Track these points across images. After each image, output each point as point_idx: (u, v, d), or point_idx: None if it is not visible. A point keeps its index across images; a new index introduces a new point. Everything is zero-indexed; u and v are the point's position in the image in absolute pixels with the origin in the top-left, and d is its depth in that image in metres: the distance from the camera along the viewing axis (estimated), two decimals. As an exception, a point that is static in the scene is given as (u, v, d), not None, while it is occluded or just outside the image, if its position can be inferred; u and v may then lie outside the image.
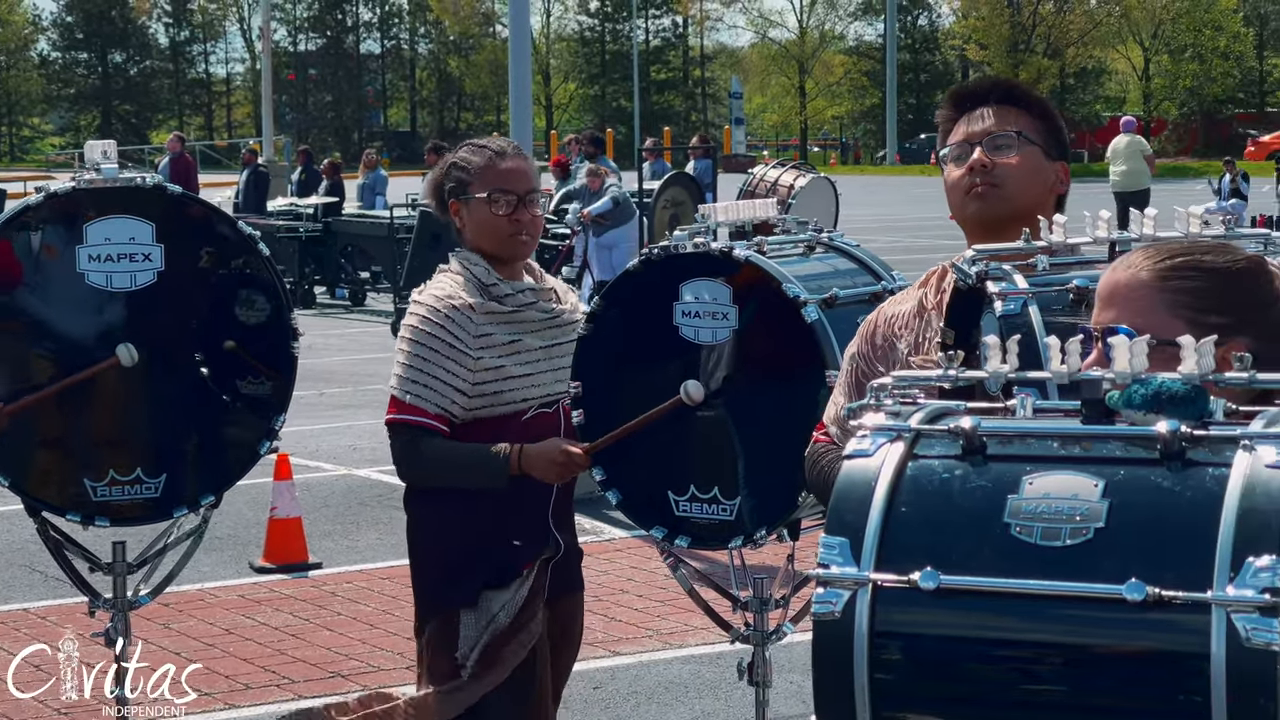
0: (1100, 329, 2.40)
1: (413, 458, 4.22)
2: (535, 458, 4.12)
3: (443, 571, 4.28)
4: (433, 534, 4.31)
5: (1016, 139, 3.32)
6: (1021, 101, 3.39)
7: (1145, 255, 2.58)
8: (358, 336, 19.57)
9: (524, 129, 16.79)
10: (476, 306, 4.21)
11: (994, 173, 3.29)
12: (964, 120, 3.38)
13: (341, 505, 10.39)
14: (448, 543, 4.27)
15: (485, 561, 4.24)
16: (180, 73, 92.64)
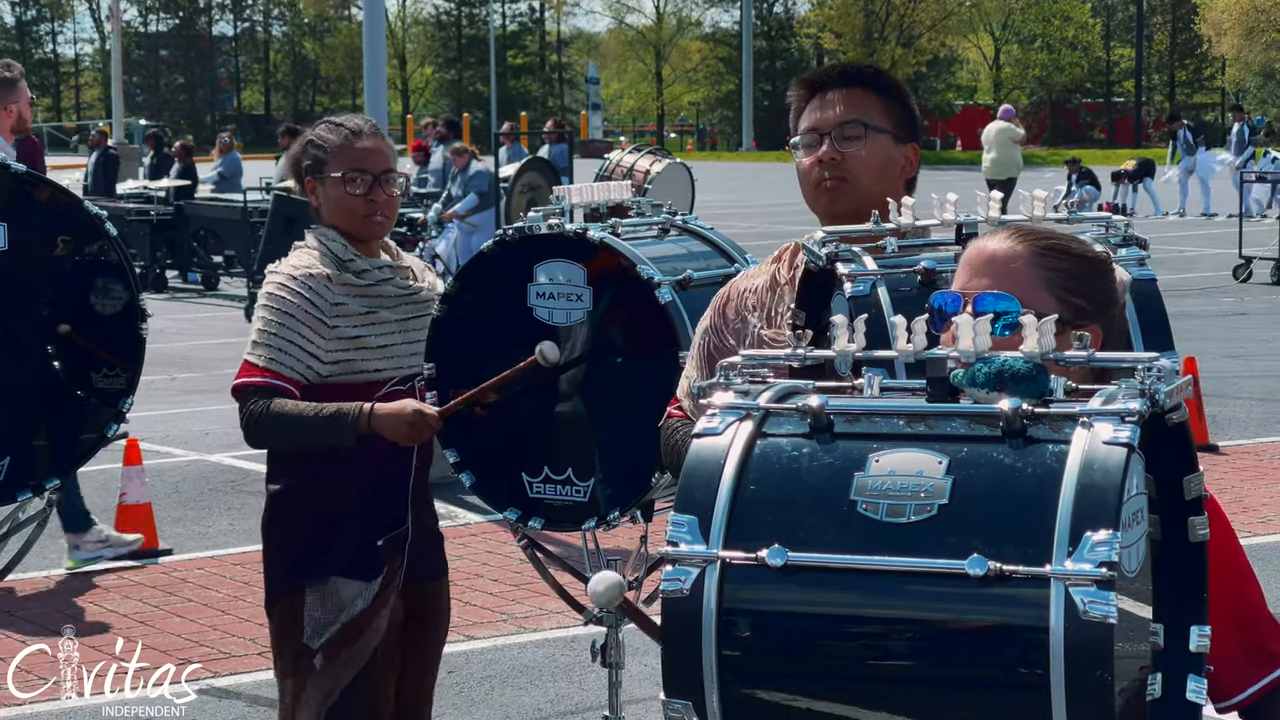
0: (972, 295, 2.42)
1: (261, 418, 4.14)
2: (386, 417, 4.07)
3: (296, 550, 4.25)
4: (288, 512, 4.28)
5: (864, 130, 3.34)
6: (870, 83, 3.41)
7: (1018, 232, 2.62)
8: (210, 321, 19.35)
9: (379, 113, 16.70)
10: (334, 277, 4.19)
11: (843, 166, 3.32)
12: (814, 104, 3.40)
13: (193, 491, 10.28)
14: (303, 521, 4.24)
15: (340, 545, 4.21)
16: (27, 52, 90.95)
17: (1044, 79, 75.66)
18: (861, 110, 3.35)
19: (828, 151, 3.32)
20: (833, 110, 3.35)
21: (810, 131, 3.37)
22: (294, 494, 4.27)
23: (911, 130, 3.44)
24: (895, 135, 3.38)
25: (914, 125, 3.46)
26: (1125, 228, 2.97)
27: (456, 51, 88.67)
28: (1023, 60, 76.90)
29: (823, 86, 3.40)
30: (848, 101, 3.36)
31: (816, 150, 3.34)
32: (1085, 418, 2.04)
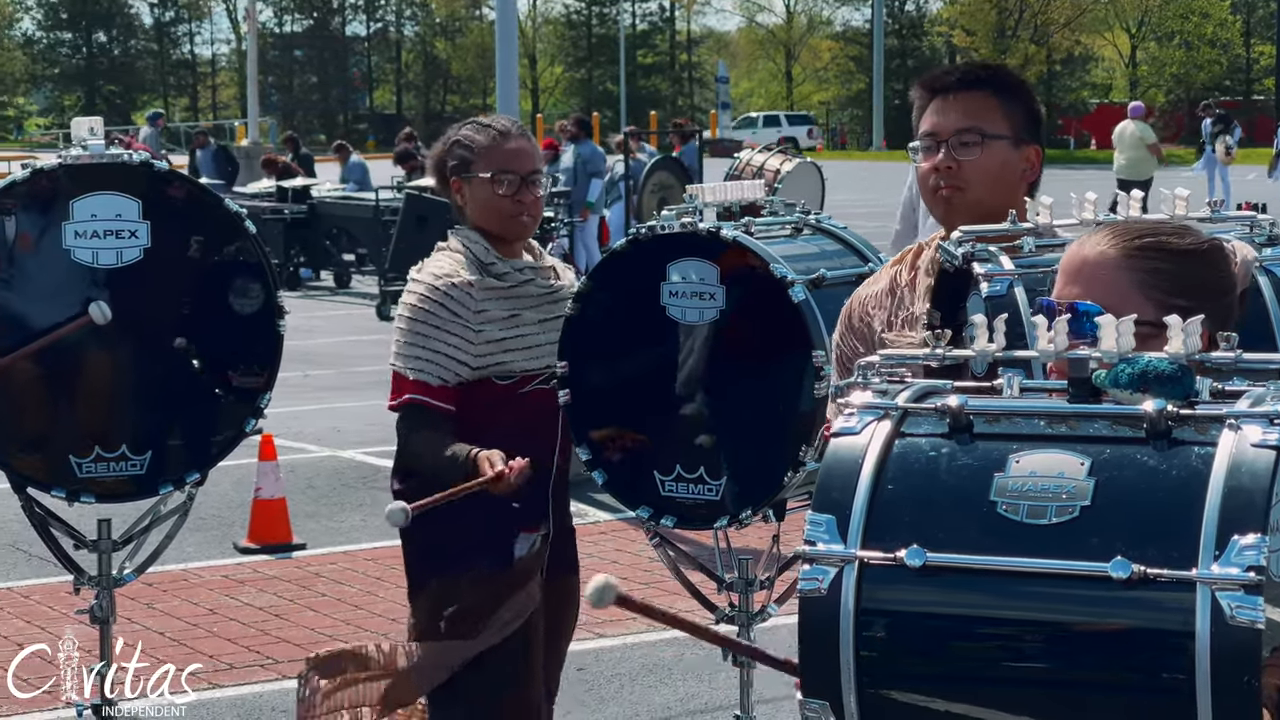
0: (1065, 304, 2.40)
1: (408, 441, 4.26)
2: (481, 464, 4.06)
3: (436, 540, 4.28)
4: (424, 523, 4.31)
5: (981, 138, 3.31)
6: (990, 85, 3.38)
7: (1112, 233, 2.59)
8: (343, 319, 19.55)
9: (510, 112, 16.75)
10: (475, 283, 4.22)
11: (959, 175, 3.31)
12: (933, 108, 3.37)
13: (326, 487, 10.39)
14: (444, 516, 4.27)
15: (480, 533, 4.24)
16: (165, 53, 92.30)
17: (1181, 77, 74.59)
18: (979, 116, 3.32)
19: (943, 159, 3.31)
20: (950, 115, 3.33)
21: (928, 136, 3.36)
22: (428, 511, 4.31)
23: (1033, 132, 3.41)
24: (1014, 139, 3.35)
25: (1035, 126, 3.42)
26: (1271, 226, 2.93)
27: (586, 51, 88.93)
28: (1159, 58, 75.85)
29: (942, 89, 3.37)
30: (966, 106, 3.33)
31: (934, 156, 3.33)
32: (1233, 420, 2.01)
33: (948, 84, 3.38)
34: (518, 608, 4.24)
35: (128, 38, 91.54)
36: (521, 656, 4.26)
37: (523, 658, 4.26)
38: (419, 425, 4.22)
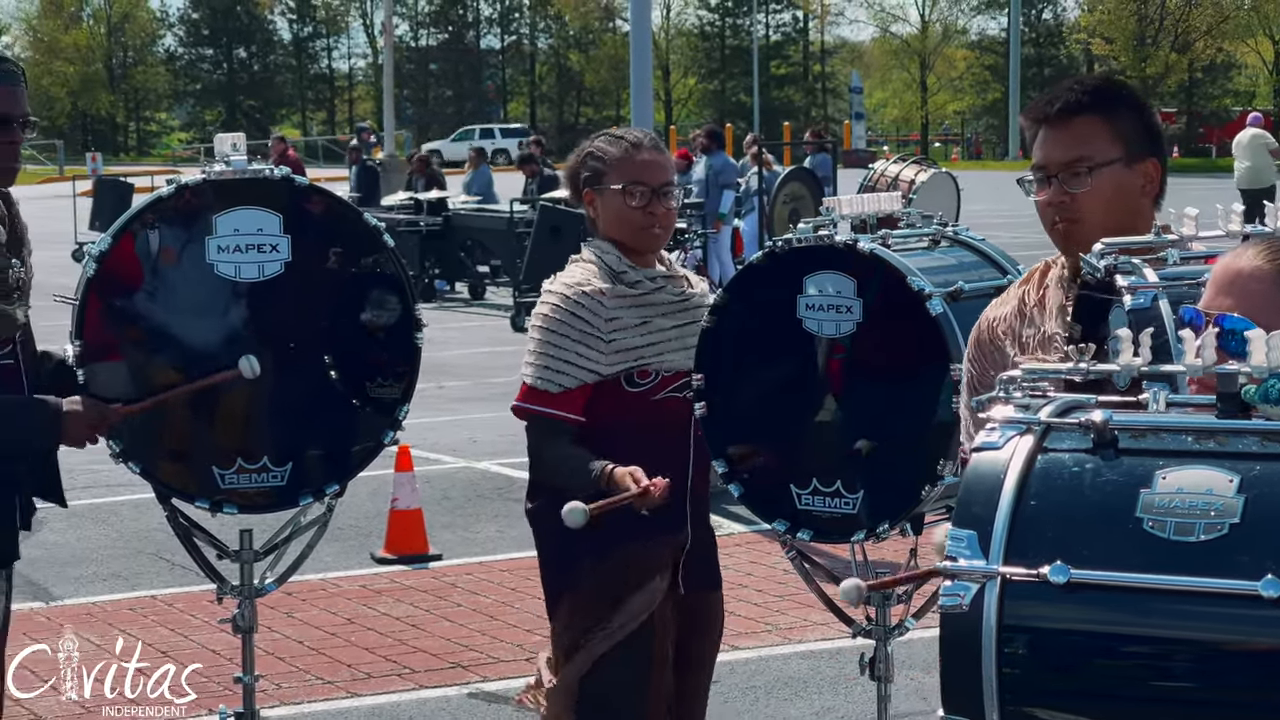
0: (1214, 315, 2.37)
1: (536, 455, 4.29)
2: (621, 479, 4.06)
3: (567, 543, 4.30)
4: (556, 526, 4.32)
5: (1089, 169, 3.27)
6: (1095, 107, 3.31)
7: (1269, 247, 2.55)
8: (477, 330, 19.68)
9: (645, 124, 16.79)
10: (607, 292, 4.23)
11: (1072, 208, 3.28)
12: (1042, 137, 3.33)
13: (461, 498, 10.46)
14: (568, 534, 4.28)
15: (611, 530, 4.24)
16: (303, 68, 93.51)
17: (1325, 84, 73.32)
18: (1087, 143, 3.28)
19: (1055, 194, 3.28)
20: (1058, 147, 3.29)
21: (1038, 169, 3.33)
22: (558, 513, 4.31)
23: (1148, 145, 3.35)
24: (1126, 159, 3.30)
25: (1151, 139, 3.36)
26: None
27: (720, 62, 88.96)
28: (1303, 64, 74.62)
29: (1046, 119, 3.33)
30: (1072, 135, 3.29)
31: (1045, 189, 3.30)
32: (1388, 437, 1.98)
33: (1050, 113, 3.33)
34: (645, 599, 4.24)
35: (267, 53, 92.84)
36: (648, 652, 4.25)
37: (649, 653, 4.26)
38: (546, 436, 4.24)
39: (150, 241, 4.67)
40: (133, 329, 4.62)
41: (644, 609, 4.24)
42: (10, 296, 4.01)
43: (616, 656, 4.25)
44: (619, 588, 4.24)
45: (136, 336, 4.62)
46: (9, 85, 4.02)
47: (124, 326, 4.60)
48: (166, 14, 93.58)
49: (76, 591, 8.26)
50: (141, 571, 8.68)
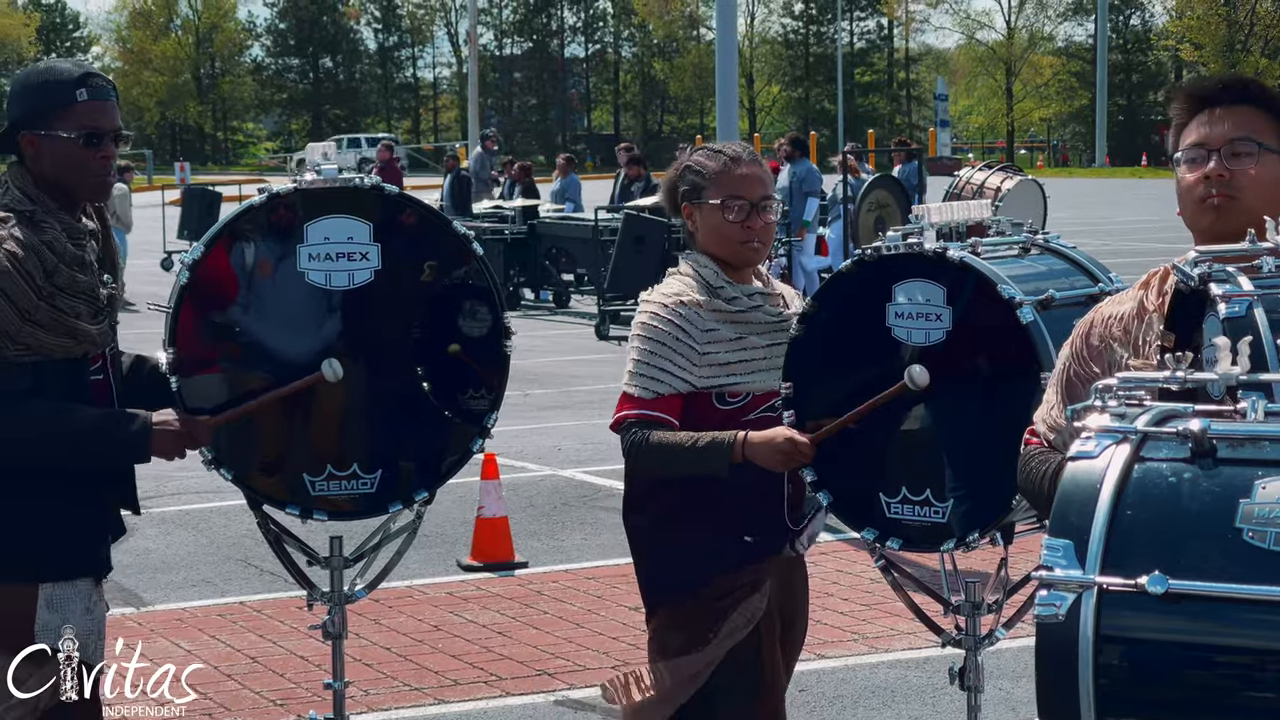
0: None
1: (641, 449, 4.22)
2: (759, 445, 4.11)
3: (670, 563, 4.31)
4: (660, 531, 4.33)
5: (1257, 148, 3.23)
6: (1259, 101, 3.29)
7: None
8: (562, 338, 19.73)
9: (730, 132, 16.81)
10: (704, 303, 4.23)
11: (1232, 184, 3.21)
12: (1200, 119, 3.29)
13: (547, 505, 10.49)
14: (676, 536, 4.29)
15: (715, 553, 4.25)
16: (388, 77, 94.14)
17: None
18: (1252, 128, 3.24)
19: (1215, 168, 3.22)
20: (1221, 126, 3.25)
21: (1197, 147, 3.27)
22: (669, 518, 4.32)
23: None
24: None
25: None
26: None
27: (804, 70, 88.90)
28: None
29: (1210, 101, 3.29)
30: (1236, 118, 3.25)
31: (1203, 166, 3.24)
32: None
33: (1218, 95, 3.30)
34: (747, 615, 4.24)
35: (352, 62, 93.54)
36: (755, 663, 4.26)
37: (757, 665, 4.26)
38: (648, 432, 4.21)
39: (242, 249, 4.71)
40: (224, 336, 4.65)
41: (746, 624, 4.25)
42: (101, 313, 4.05)
43: (720, 669, 4.24)
44: (722, 607, 4.25)
45: (228, 343, 4.66)
46: (101, 100, 4.05)
47: (216, 334, 4.64)
48: (254, 24, 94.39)
49: (167, 597, 8.34)
50: (231, 577, 8.75)
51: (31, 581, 3.96)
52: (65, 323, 3.92)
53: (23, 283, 3.85)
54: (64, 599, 3.98)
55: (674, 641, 4.29)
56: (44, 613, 3.96)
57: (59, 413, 3.92)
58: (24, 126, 4.02)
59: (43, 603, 3.96)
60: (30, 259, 3.87)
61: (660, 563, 4.34)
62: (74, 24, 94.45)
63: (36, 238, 3.90)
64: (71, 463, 3.98)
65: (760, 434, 4.12)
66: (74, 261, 3.95)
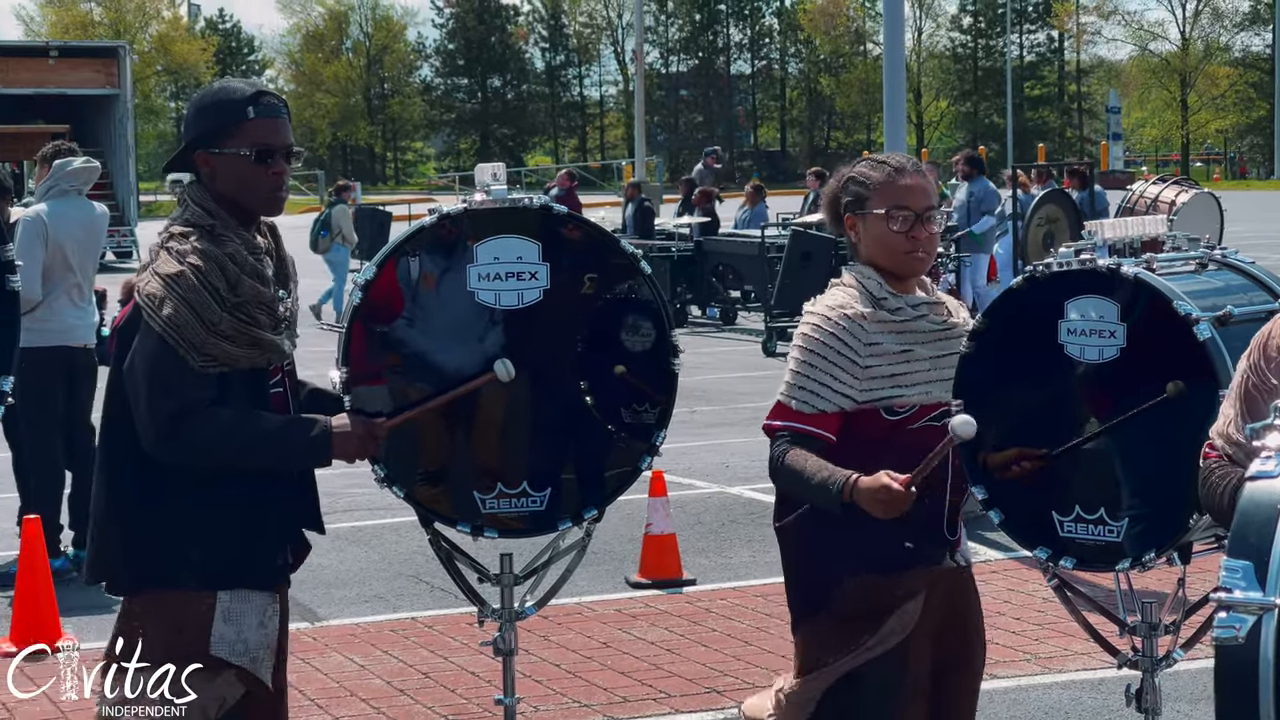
0: None
1: (777, 465, 4.20)
2: (864, 491, 3.99)
3: (825, 571, 4.28)
4: (809, 544, 4.31)
5: None
6: None
7: None
8: (729, 355, 19.72)
9: (897, 147, 16.67)
10: (868, 315, 4.20)
11: None
12: None
13: (715, 523, 10.48)
14: (825, 532, 4.26)
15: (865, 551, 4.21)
16: (555, 96, 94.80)
17: None
18: None
19: None
20: None
21: None
22: (813, 531, 4.29)
23: None
24: None
25: None
26: None
27: (972, 84, 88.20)
28: None
29: None
30: None
31: None
32: None
33: None
34: (901, 622, 4.20)
35: (520, 82, 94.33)
36: (901, 677, 4.21)
37: (903, 679, 4.22)
38: (790, 447, 4.18)
39: (413, 270, 4.76)
40: (395, 355, 4.71)
41: (899, 632, 4.20)
42: (279, 327, 4.12)
43: (865, 676, 4.21)
44: (873, 611, 4.21)
45: (398, 362, 4.71)
46: (273, 117, 4.13)
47: (387, 353, 4.70)
48: (423, 45, 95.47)
49: (340, 613, 8.45)
50: (403, 593, 8.84)
51: (209, 589, 4.03)
52: (248, 333, 4.00)
53: (208, 296, 3.93)
54: (240, 612, 4.05)
55: (819, 655, 4.25)
56: (220, 624, 4.03)
57: (243, 418, 3.99)
58: (199, 145, 4.11)
59: (219, 615, 4.03)
60: (214, 272, 3.95)
61: (809, 563, 4.30)
62: (249, 48, 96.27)
63: (219, 251, 3.98)
64: (256, 465, 4.05)
65: (866, 480, 4.00)
66: (255, 274, 4.03)
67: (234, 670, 4.05)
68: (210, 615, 4.02)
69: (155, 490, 4.01)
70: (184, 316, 3.90)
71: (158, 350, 3.91)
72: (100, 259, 9.69)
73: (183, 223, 4.05)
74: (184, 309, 3.91)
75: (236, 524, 4.05)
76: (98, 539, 4.16)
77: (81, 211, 9.32)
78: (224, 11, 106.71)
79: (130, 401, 3.98)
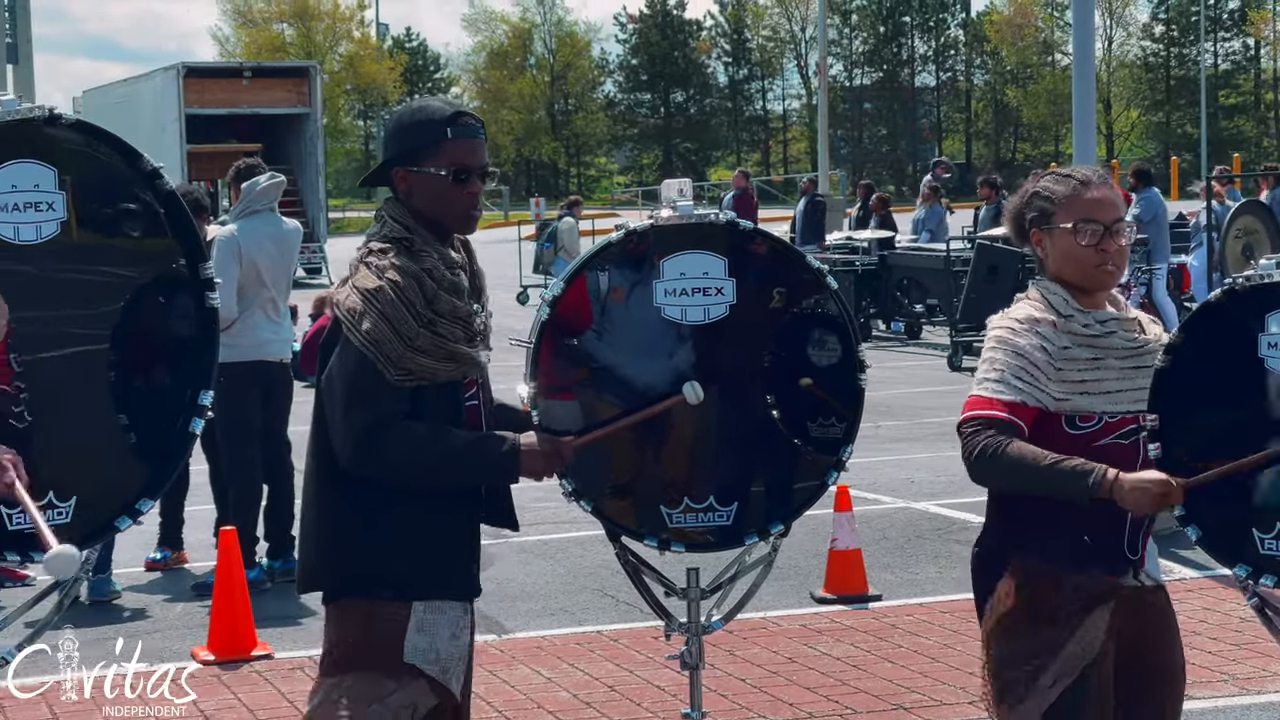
0: None
1: (990, 456, 4.04)
2: (1131, 488, 3.92)
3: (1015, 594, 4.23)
4: (1002, 563, 4.26)
5: None
6: None
7: None
8: (914, 370, 19.58)
9: (1086, 158, 16.41)
10: (1058, 324, 4.14)
11: None
12: None
13: (900, 538, 10.40)
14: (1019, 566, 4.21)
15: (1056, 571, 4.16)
16: (738, 110, 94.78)
17: None
18: None
19: None
20: None
21: None
22: (1011, 542, 4.24)
23: None
24: None
25: None
26: None
27: (1164, 93, 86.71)
28: None
29: None
30: None
31: None
32: None
33: None
34: (1083, 645, 4.13)
35: (703, 96, 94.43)
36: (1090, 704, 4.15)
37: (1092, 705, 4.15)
38: (999, 440, 4.04)
39: (600, 285, 4.80)
40: (582, 370, 4.75)
41: (1081, 655, 4.14)
42: (474, 341, 4.16)
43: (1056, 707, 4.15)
44: (1058, 624, 4.14)
45: (585, 377, 4.75)
46: (470, 138, 4.17)
47: (574, 367, 4.74)
48: (606, 61, 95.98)
49: (526, 625, 8.50)
50: (588, 607, 8.88)
51: (405, 600, 4.08)
52: (445, 348, 4.05)
53: (405, 311, 3.98)
54: (433, 623, 4.09)
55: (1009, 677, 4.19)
56: (413, 635, 4.08)
57: (435, 433, 4.04)
58: (398, 162, 4.17)
59: (413, 625, 4.08)
60: (412, 287, 4.01)
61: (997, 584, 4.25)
62: (435, 65, 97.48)
63: (417, 266, 4.04)
64: (445, 481, 4.10)
65: (1132, 476, 3.93)
66: (452, 288, 4.08)
67: (425, 680, 4.09)
68: (404, 625, 4.07)
69: (359, 501, 4.07)
70: (382, 331, 3.96)
71: (356, 364, 3.98)
72: (293, 275, 9.85)
73: (381, 238, 4.11)
74: (383, 324, 3.96)
75: (434, 536, 4.10)
76: (305, 548, 4.24)
77: (273, 228, 9.47)
78: (411, 30, 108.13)
79: (327, 414, 4.05)
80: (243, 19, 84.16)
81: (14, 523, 4.07)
